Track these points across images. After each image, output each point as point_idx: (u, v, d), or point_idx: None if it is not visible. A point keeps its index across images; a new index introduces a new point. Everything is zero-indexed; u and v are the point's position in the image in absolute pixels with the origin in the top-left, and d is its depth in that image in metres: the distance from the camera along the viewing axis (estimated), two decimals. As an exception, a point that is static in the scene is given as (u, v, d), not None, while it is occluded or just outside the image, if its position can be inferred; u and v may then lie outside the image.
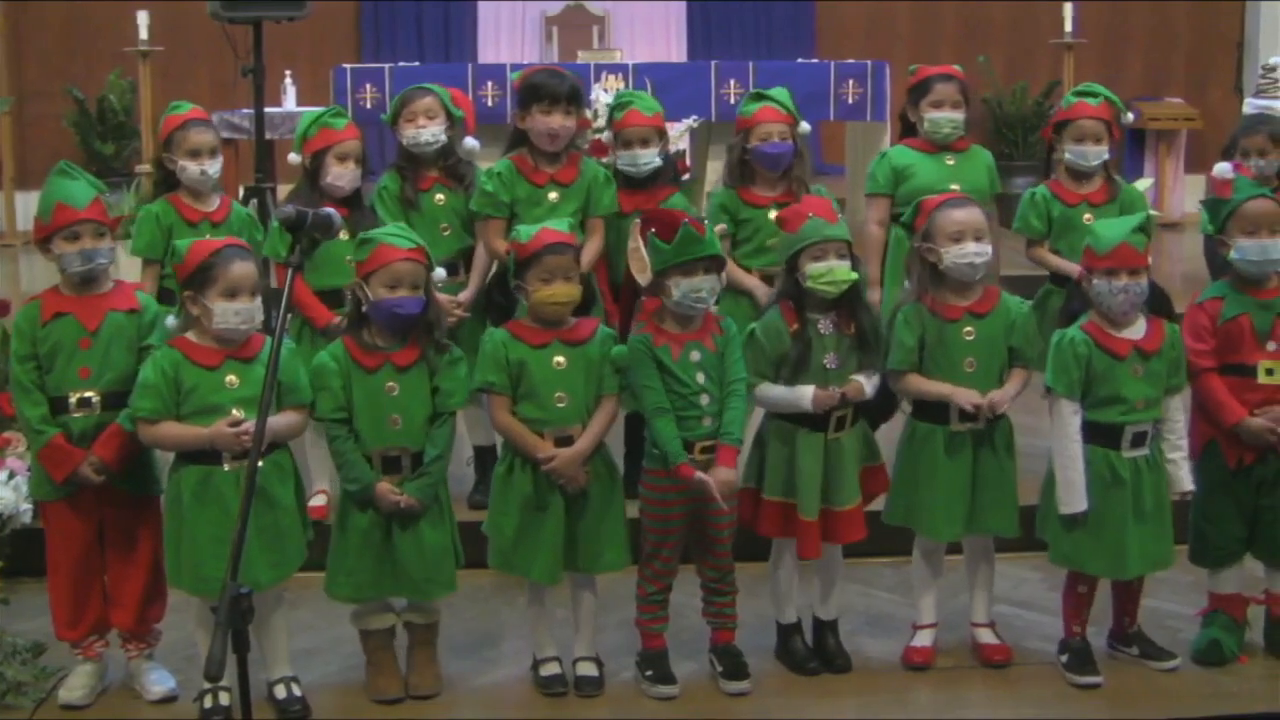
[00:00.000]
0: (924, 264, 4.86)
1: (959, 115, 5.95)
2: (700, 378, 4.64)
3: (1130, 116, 6.29)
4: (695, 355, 4.65)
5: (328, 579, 4.73)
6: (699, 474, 4.57)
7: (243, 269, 4.43)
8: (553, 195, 5.61)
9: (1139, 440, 4.73)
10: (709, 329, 4.70)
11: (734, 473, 4.66)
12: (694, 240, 4.56)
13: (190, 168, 5.55)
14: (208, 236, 4.98)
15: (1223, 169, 5.13)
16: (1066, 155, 5.87)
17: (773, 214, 5.58)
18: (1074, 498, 4.71)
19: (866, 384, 4.76)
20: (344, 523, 4.68)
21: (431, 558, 4.66)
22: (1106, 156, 5.86)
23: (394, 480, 4.60)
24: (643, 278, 4.67)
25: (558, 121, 5.58)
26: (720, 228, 5.51)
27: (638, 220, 4.80)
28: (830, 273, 4.68)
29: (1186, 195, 11.95)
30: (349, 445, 4.61)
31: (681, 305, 4.61)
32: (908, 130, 6.12)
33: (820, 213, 4.74)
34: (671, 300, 4.62)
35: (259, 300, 4.47)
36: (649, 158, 5.73)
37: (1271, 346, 4.82)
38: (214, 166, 5.58)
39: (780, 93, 5.80)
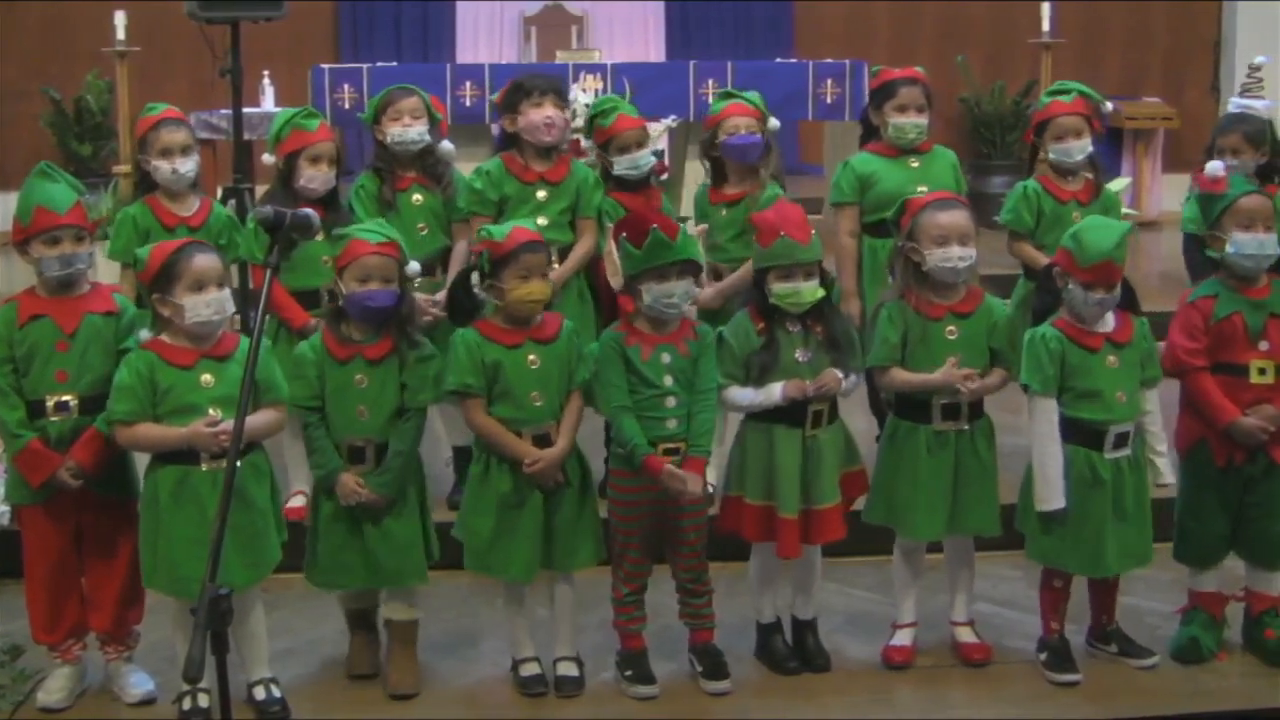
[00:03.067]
0: (907, 263, 4.86)
1: (923, 120, 5.91)
2: (668, 380, 4.65)
3: (1109, 106, 6.30)
4: (666, 358, 4.65)
5: (305, 566, 4.80)
6: (667, 465, 4.58)
7: (205, 261, 4.44)
8: (541, 194, 5.64)
9: (1121, 441, 4.75)
10: (684, 334, 4.71)
11: (700, 480, 4.67)
12: (663, 246, 4.56)
13: (162, 167, 5.55)
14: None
15: (1214, 167, 5.15)
16: (1051, 155, 5.88)
17: (723, 211, 5.68)
18: (1051, 495, 4.71)
19: (842, 377, 4.77)
20: (316, 510, 4.76)
21: (400, 548, 4.71)
22: (1090, 150, 5.86)
23: (358, 470, 4.65)
24: (615, 281, 4.68)
25: (551, 110, 5.62)
26: (701, 228, 5.54)
27: (611, 224, 4.82)
28: (796, 294, 4.70)
29: (1164, 194, 11.98)
30: (320, 432, 4.68)
31: (653, 309, 4.62)
32: (869, 132, 6.10)
33: (792, 231, 4.70)
34: (643, 304, 4.62)
35: (227, 291, 4.49)
36: (646, 158, 5.81)
37: (1264, 346, 4.82)
38: (186, 165, 5.57)
39: (752, 95, 5.83)
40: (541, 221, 5.38)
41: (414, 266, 4.80)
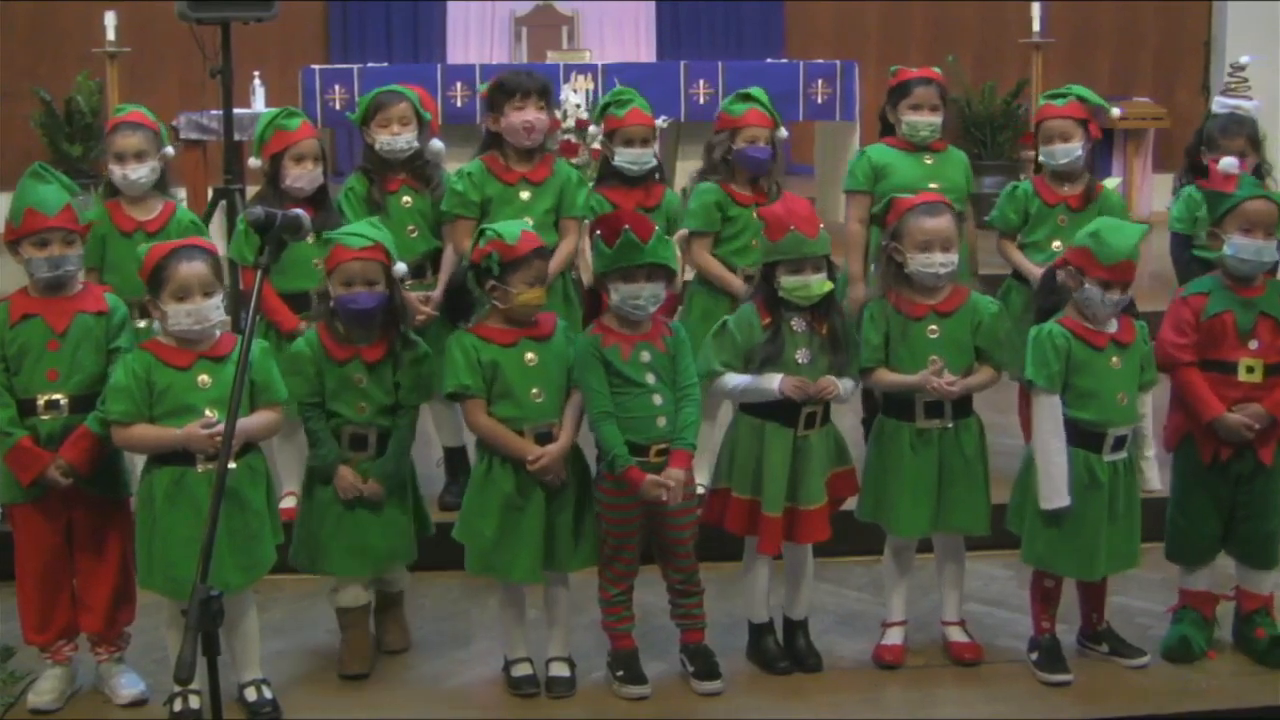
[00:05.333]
0: (890, 261, 4.87)
1: (936, 119, 5.97)
2: (650, 378, 4.65)
3: (1116, 112, 6.31)
4: (646, 356, 4.66)
5: (292, 549, 4.85)
6: (649, 476, 4.59)
7: (190, 270, 4.42)
8: (524, 194, 5.62)
9: (1119, 444, 4.75)
10: (659, 331, 4.72)
11: (684, 473, 4.66)
12: (633, 247, 4.57)
13: (115, 172, 5.51)
14: (141, 245, 4.86)
15: (1229, 164, 5.12)
16: (1041, 157, 5.93)
17: (755, 214, 5.64)
18: (1055, 492, 4.70)
19: (840, 385, 4.77)
20: (310, 496, 4.82)
21: (394, 530, 4.83)
22: (1078, 153, 5.87)
23: (360, 458, 4.76)
24: (586, 277, 4.70)
25: (532, 114, 5.59)
26: (681, 233, 5.56)
27: (587, 221, 4.82)
28: (805, 287, 4.70)
29: (1154, 194, 11.99)
30: (321, 424, 4.77)
31: (620, 309, 4.63)
32: (887, 129, 6.14)
33: (801, 225, 4.71)
34: (611, 303, 4.63)
35: (215, 299, 4.47)
36: (648, 157, 5.79)
37: (1253, 345, 4.83)
38: (138, 171, 5.48)
39: (760, 94, 5.83)
40: (527, 222, 5.38)
41: (400, 268, 4.82)
